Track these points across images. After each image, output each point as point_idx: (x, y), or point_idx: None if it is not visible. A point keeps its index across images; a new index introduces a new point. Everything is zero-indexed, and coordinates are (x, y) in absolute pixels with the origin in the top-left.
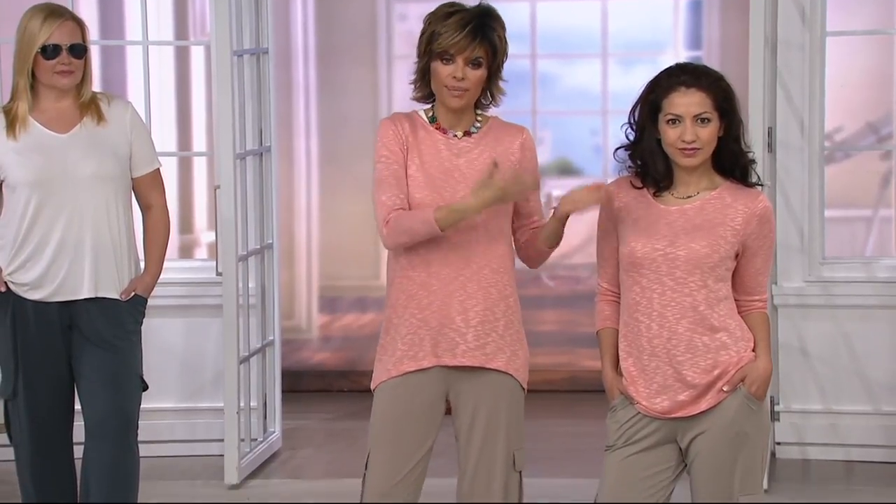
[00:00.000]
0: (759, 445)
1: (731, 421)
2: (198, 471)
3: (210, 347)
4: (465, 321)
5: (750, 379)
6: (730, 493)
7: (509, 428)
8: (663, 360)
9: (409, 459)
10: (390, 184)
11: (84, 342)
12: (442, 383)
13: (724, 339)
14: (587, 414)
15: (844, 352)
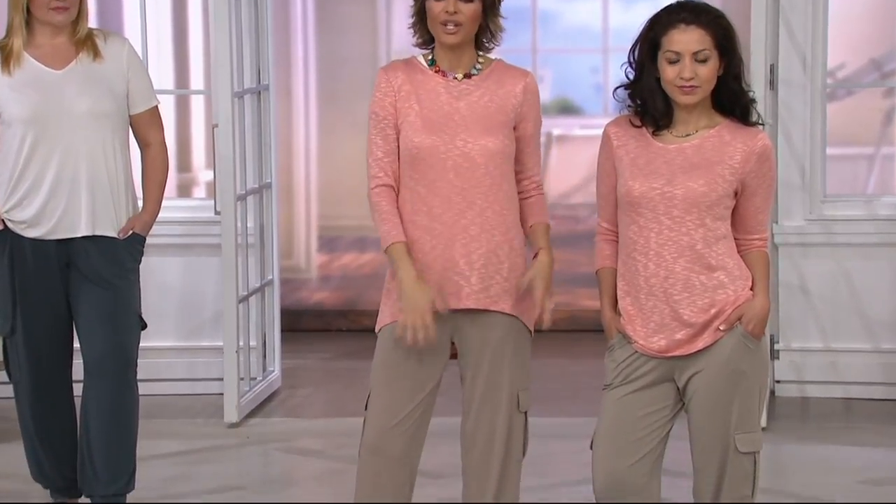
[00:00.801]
0: (756, 384)
1: (728, 359)
2: (197, 409)
3: (209, 287)
4: (468, 264)
5: (747, 317)
6: (727, 431)
7: (514, 368)
8: (660, 300)
9: (410, 401)
10: (378, 145)
11: (82, 280)
12: (446, 326)
13: (721, 279)
14: (586, 353)
15: (844, 290)
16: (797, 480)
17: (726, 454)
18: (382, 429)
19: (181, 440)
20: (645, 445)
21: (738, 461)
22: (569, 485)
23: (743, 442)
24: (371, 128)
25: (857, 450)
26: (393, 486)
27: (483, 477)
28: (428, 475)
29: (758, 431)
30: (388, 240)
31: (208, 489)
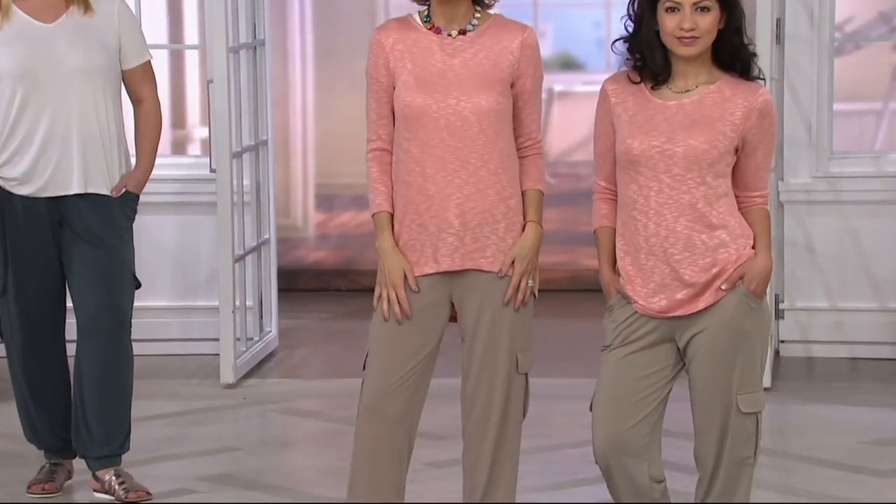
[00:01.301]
0: (758, 343)
1: (729, 319)
2: (193, 370)
3: (204, 245)
4: (462, 224)
5: (749, 276)
6: (729, 392)
7: (513, 330)
8: (661, 259)
9: (409, 361)
10: (372, 108)
11: (75, 239)
12: (444, 287)
13: (722, 237)
14: (588, 313)
15: (851, 248)
16: (801, 441)
17: (728, 415)
18: (381, 389)
19: (176, 401)
20: (645, 407)
21: (740, 422)
22: (569, 446)
23: (745, 402)
24: (368, 91)
25: (863, 410)
26: (391, 447)
27: (482, 439)
28: (428, 437)
29: (760, 391)
30: (372, 208)
31: (204, 450)
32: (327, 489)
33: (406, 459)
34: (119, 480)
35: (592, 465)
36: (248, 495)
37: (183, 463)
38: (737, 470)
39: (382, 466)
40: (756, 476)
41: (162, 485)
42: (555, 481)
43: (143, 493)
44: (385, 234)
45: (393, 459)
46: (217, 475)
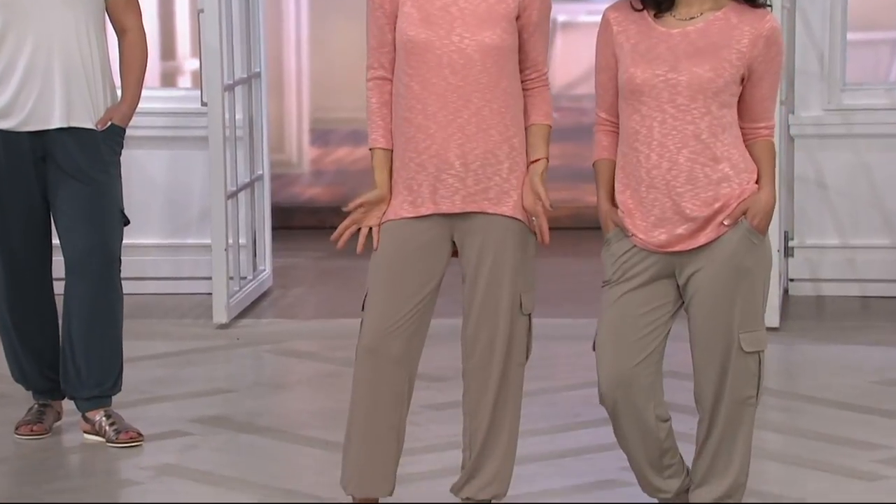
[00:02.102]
0: (760, 281)
1: (731, 255)
2: (185, 309)
3: (195, 182)
4: (463, 165)
5: (752, 212)
6: (729, 330)
7: (516, 271)
8: (662, 192)
9: (409, 301)
10: (373, 34)
11: (60, 175)
12: (445, 227)
13: (726, 171)
14: (591, 252)
15: (863, 183)
16: (810, 382)
17: (729, 354)
18: (380, 330)
19: (168, 341)
20: (648, 344)
21: (741, 361)
22: (572, 388)
23: (747, 341)
24: (368, 14)
25: (874, 349)
26: (391, 389)
27: (484, 381)
28: (428, 378)
29: (762, 330)
30: (370, 142)
31: (197, 392)
32: (323, 432)
33: (406, 402)
34: (109, 422)
35: (594, 408)
36: (241, 438)
37: (175, 404)
38: (738, 410)
39: (381, 409)
40: (763, 417)
41: (154, 426)
42: (556, 424)
43: (134, 435)
44: (378, 174)
45: (392, 401)
46: (210, 417)
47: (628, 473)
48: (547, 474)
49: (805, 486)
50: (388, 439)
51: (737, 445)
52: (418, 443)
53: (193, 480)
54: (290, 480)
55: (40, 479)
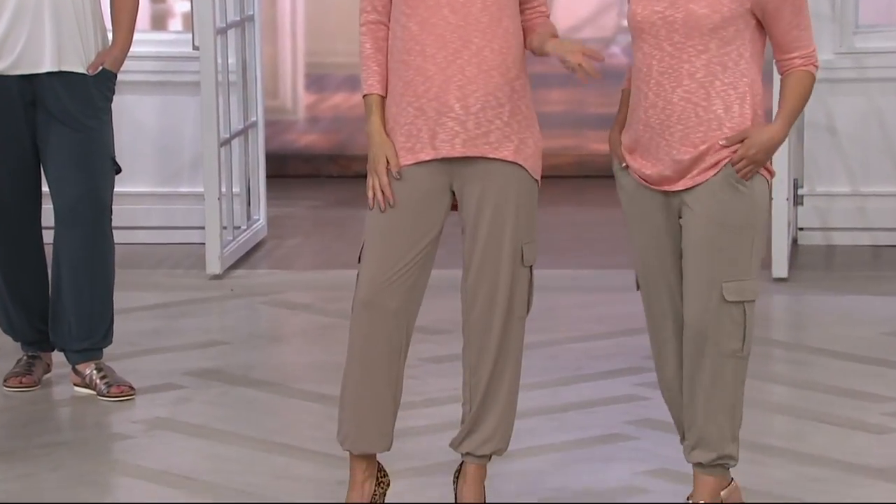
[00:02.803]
0: (748, 228)
1: (714, 200)
2: (177, 259)
3: (187, 128)
4: (464, 108)
5: (751, 140)
6: (712, 279)
7: (517, 220)
8: (657, 132)
9: (407, 253)
10: None
11: (50, 121)
12: (444, 175)
13: (717, 111)
14: (595, 201)
15: (875, 129)
16: (818, 333)
17: (711, 303)
18: (377, 282)
19: (160, 292)
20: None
21: (725, 311)
22: (575, 341)
23: (731, 290)
24: None
25: (884, 300)
26: (388, 342)
27: (484, 334)
28: (426, 331)
29: (750, 280)
30: (364, 88)
31: (190, 344)
32: (319, 385)
33: (403, 355)
34: (100, 375)
35: (597, 361)
36: (235, 391)
37: (168, 357)
38: (722, 362)
39: (378, 363)
40: (770, 370)
41: (146, 379)
42: (558, 377)
43: (125, 388)
44: (374, 118)
45: (389, 355)
46: (204, 370)
47: (632, 427)
48: (549, 428)
49: (812, 440)
50: (385, 394)
51: (723, 403)
52: (417, 397)
53: (186, 434)
54: (286, 434)
55: (30, 432)
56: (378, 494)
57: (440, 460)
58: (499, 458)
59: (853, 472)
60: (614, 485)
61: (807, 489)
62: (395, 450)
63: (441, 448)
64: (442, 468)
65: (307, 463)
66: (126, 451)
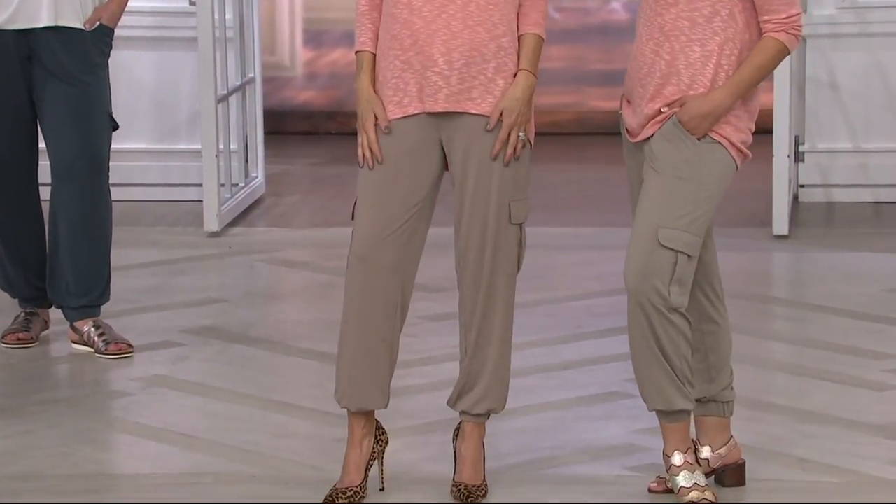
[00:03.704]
0: (690, 179)
1: (658, 148)
2: (175, 217)
3: (185, 84)
4: (447, 63)
5: (686, 108)
6: (652, 221)
7: (503, 179)
8: (636, 83)
9: (400, 207)
10: None
11: (46, 76)
12: (433, 129)
13: (678, 67)
14: (595, 158)
15: (878, 85)
16: (819, 290)
17: (652, 245)
18: (371, 237)
19: (158, 249)
20: None
21: (659, 256)
22: (574, 299)
23: (665, 235)
24: None
25: (886, 257)
26: (384, 299)
27: (474, 292)
28: (425, 289)
29: (685, 232)
30: (356, 45)
31: (188, 301)
32: (317, 343)
33: (400, 313)
34: (98, 332)
35: (597, 318)
36: (234, 349)
37: (166, 314)
38: (648, 312)
39: (374, 318)
40: (771, 327)
41: (144, 337)
42: (558, 335)
43: (124, 346)
44: (363, 76)
45: (385, 312)
46: (202, 327)
47: (631, 385)
48: (549, 387)
49: (813, 397)
50: (381, 351)
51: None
52: (415, 355)
53: (184, 392)
54: (284, 392)
55: (28, 389)
56: (376, 452)
57: (438, 419)
58: (498, 416)
59: (853, 429)
60: (613, 443)
61: (807, 446)
62: (394, 408)
63: (439, 406)
64: (441, 426)
65: (305, 421)
66: (124, 409)
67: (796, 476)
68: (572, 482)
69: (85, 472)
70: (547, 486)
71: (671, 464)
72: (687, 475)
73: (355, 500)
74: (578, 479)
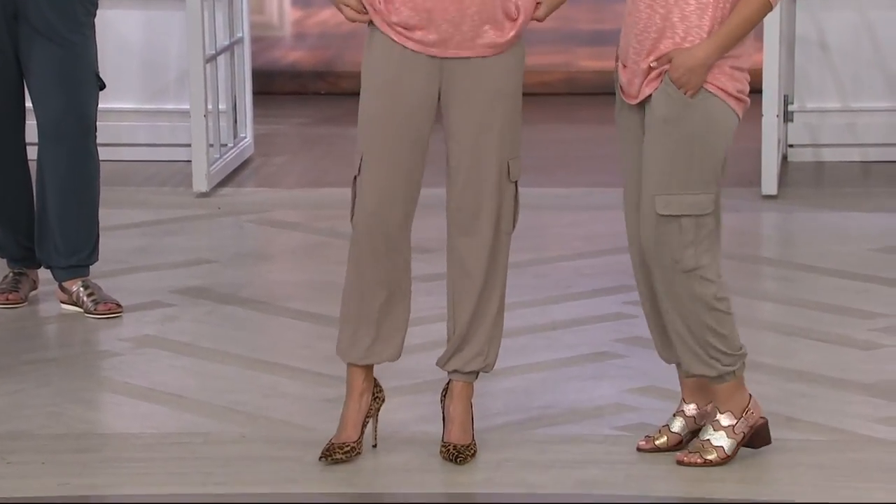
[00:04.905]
0: (684, 140)
1: (656, 107)
2: (164, 177)
3: (173, 44)
4: (459, 11)
5: (675, 62)
6: (650, 190)
7: (503, 133)
8: (630, 40)
9: (405, 162)
10: None
11: (33, 35)
12: (434, 77)
13: (674, 21)
14: (585, 119)
15: (867, 44)
16: (808, 250)
17: (653, 216)
18: (385, 190)
19: (147, 210)
20: None
21: (663, 225)
22: (564, 259)
23: (662, 203)
24: None
25: (875, 216)
26: (392, 256)
27: (471, 251)
28: (414, 249)
29: (685, 194)
30: None
31: (177, 262)
32: (307, 304)
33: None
34: (87, 292)
35: (587, 279)
36: (223, 309)
37: (155, 275)
38: (670, 277)
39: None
40: (759, 287)
41: (133, 297)
42: (548, 296)
43: (113, 306)
44: None
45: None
46: (191, 288)
47: (621, 345)
48: (538, 347)
49: (801, 356)
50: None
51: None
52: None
53: (174, 352)
54: (274, 352)
55: (17, 348)
56: (373, 409)
57: (427, 379)
58: (487, 376)
59: (841, 388)
60: (602, 402)
61: (795, 405)
62: (383, 368)
63: (429, 367)
64: (430, 386)
65: (295, 381)
66: (114, 369)
67: (785, 435)
68: (561, 442)
69: (75, 431)
70: (536, 446)
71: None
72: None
73: (352, 456)
74: (567, 438)
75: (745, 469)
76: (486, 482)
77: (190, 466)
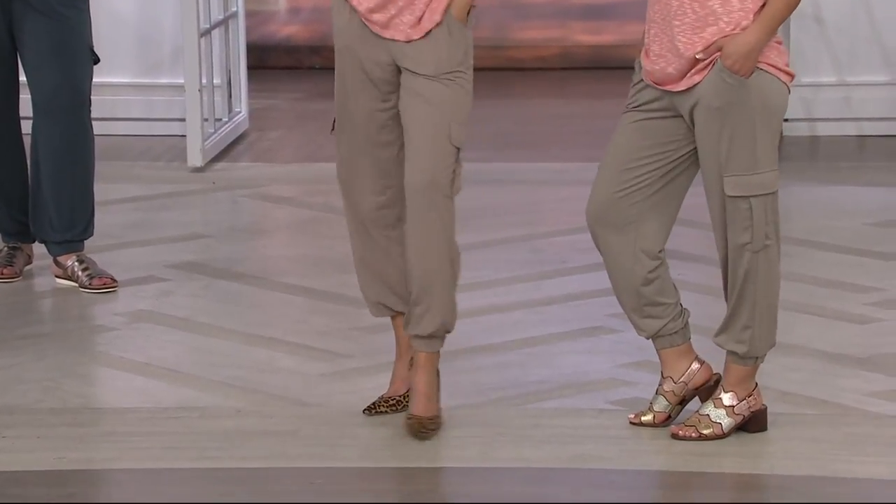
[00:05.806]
0: (747, 123)
1: (710, 97)
2: (158, 152)
3: (167, 18)
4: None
5: (726, 50)
6: (718, 173)
7: (447, 98)
8: (662, 27)
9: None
10: None
11: (26, 9)
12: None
13: (714, 7)
14: (580, 94)
15: (863, 18)
16: (803, 224)
17: (722, 198)
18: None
19: (142, 184)
20: (639, 176)
21: (732, 206)
22: (559, 234)
23: (731, 185)
24: None
25: (870, 190)
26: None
27: (413, 212)
28: None
29: (753, 175)
30: None
31: (172, 237)
32: (302, 278)
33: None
34: (82, 266)
35: (581, 254)
36: (218, 284)
37: (150, 249)
38: (738, 255)
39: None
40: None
41: (128, 272)
42: (542, 271)
43: (107, 280)
44: None
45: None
46: (186, 263)
47: (615, 320)
48: (532, 322)
49: (796, 331)
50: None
51: (745, 296)
52: None
53: (169, 327)
54: (269, 328)
55: (12, 323)
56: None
57: None
58: (481, 350)
59: (836, 363)
60: (596, 377)
61: (789, 379)
62: (363, 340)
63: None
64: None
65: (290, 356)
66: (109, 343)
67: (779, 409)
68: (556, 416)
69: (71, 405)
70: (530, 420)
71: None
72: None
73: (397, 409)
74: (562, 413)
75: (739, 443)
76: (480, 457)
77: (186, 441)
